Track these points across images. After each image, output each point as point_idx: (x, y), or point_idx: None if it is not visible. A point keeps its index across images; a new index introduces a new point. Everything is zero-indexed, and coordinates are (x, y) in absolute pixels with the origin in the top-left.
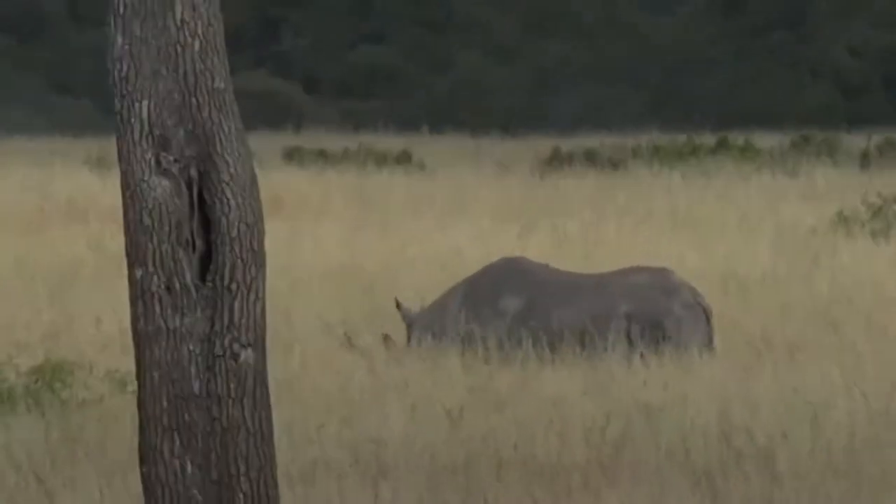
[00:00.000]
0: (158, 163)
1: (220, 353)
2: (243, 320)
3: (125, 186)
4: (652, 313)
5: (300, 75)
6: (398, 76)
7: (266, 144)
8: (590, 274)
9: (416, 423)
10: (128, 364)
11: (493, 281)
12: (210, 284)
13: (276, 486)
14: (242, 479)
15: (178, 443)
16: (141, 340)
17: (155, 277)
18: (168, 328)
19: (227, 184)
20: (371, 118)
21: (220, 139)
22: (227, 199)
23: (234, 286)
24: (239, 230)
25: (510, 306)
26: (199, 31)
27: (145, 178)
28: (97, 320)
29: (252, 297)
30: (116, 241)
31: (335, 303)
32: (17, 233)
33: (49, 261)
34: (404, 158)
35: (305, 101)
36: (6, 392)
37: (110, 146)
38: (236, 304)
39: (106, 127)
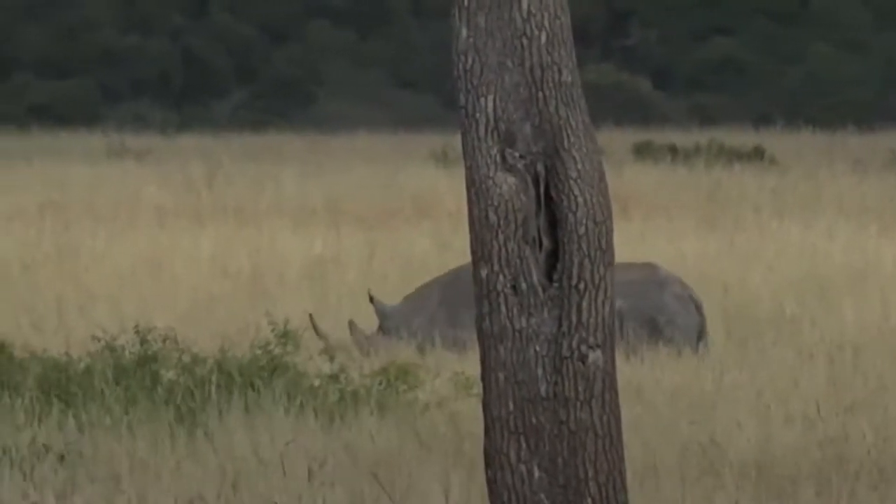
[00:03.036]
0: (504, 159)
1: (568, 355)
2: (591, 320)
3: (470, 183)
4: (646, 308)
5: (649, 69)
6: (749, 69)
7: (615, 140)
8: None
9: (769, 425)
10: (473, 366)
11: (470, 284)
12: (557, 284)
13: (625, 489)
14: (591, 482)
15: (524, 446)
16: (486, 341)
17: (501, 276)
18: (514, 328)
19: (575, 180)
20: (721, 112)
21: (568, 134)
22: (575, 196)
23: (581, 285)
24: (587, 228)
25: None
26: (546, 23)
27: (491, 175)
28: None
29: (600, 296)
30: (462, 238)
31: None
32: (363, 229)
33: (395, 258)
34: (756, 154)
35: (654, 95)
36: (351, 394)
37: (454, 141)
38: (584, 304)
39: (449, 122)
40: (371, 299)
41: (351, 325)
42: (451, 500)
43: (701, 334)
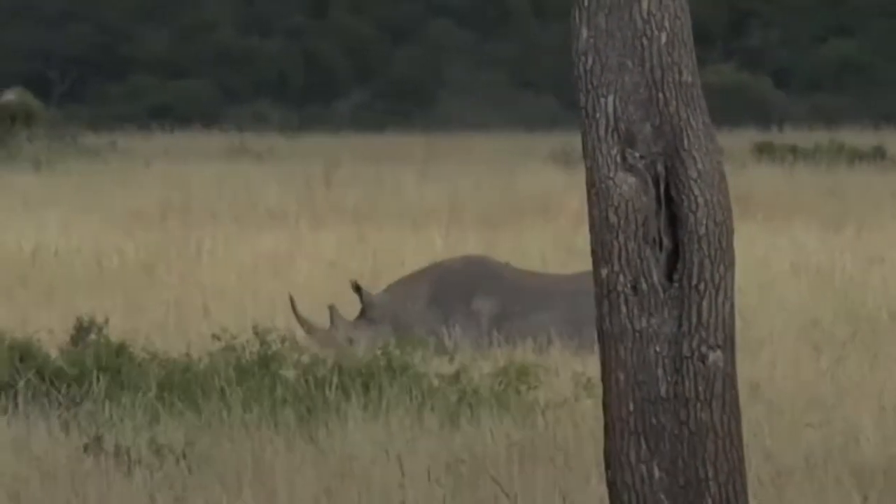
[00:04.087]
0: (624, 159)
1: (688, 355)
2: (712, 321)
3: (590, 183)
4: None
5: (770, 69)
6: (869, 70)
7: (735, 140)
8: (560, 275)
9: (889, 428)
10: (594, 366)
11: (463, 280)
12: (677, 284)
13: (745, 490)
14: (711, 483)
15: (644, 447)
16: (606, 341)
17: (621, 276)
18: (634, 329)
19: (695, 180)
20: (841, 113)
21: (688, 135)
22: (695, 197)
23: (702, 286)
24: (707, 228)
25: (484, 308)
26: (666, 24)
27: (611, 175)
28: None
29: (721, 296)
30: (583, 238)
31: (807, 304)
32: (480, 229)
33: (515, 259)
34: (877, 154)
35: (775, 95)
36: (471, 393)
37: (575, 142)
38: (704, 305)
39: (570, 122)
40: (357, 287)
41: (332, 310)
42: (569, 500)
43: None
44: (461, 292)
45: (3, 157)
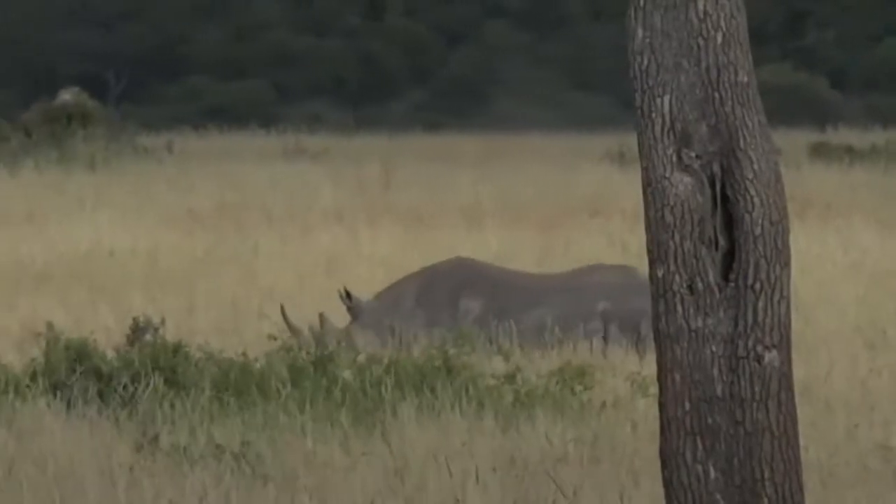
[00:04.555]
0: (680, 159)
1: (744, 355)
2: (767, 321)
3: (646, 183)
4: (628, 310)
5: (826, 69)
6: None
7: (791, 140)
8: (548, 274)
9: None
10: (649, 366)
11: (449, 282)
12: (733, 284)
13: (801, 490)
14: (767, 483)
15: (700, 447)
16: (662, 341)
17: (677, 276)
18: (690, 328)
19: (751, 180)
20: None
21: (744, 135)
22: (751, 197)
23: (757, 286)
24: (763, 228)
25: (471, 308)
26: (722, 24)
27: (667, 175)
28: None
29: (776, 296)
30: (638, 238)
31: (863, 305)
32: (537, 229)
33: (570, 258)
34: None
35: (831, 95)
36: (526, 394)
37: (630, 142)
38: (760, 304)
39: (625, 122)
40: (347, 294)
41: (322, 318)
42: (625, 500)
43: None
44: (448, 294)
45: (59, 157)
